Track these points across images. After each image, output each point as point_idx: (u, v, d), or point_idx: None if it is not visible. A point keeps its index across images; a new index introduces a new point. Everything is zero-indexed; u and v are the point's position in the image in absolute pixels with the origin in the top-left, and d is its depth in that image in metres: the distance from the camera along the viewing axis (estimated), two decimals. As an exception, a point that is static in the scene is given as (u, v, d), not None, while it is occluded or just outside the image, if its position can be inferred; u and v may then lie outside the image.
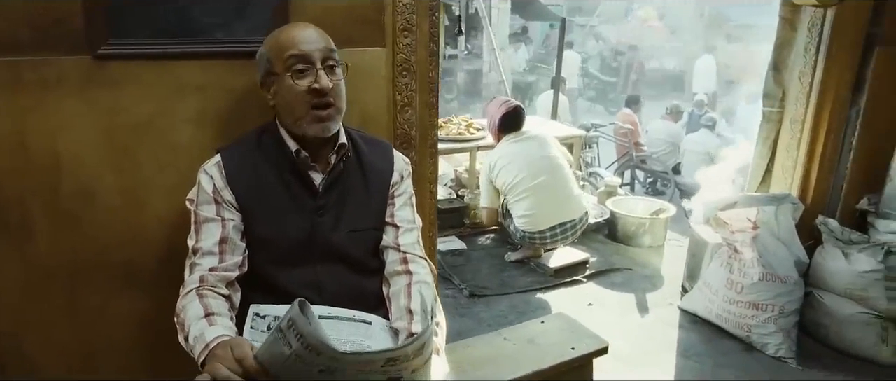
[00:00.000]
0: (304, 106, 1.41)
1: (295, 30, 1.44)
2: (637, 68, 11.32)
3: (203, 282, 1.36)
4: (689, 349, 2.82)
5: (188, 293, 1.34)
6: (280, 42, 1.42)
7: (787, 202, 2.85)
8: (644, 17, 12.65)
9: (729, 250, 2.86)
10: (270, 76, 1.44)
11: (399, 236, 1.56)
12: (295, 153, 1.45)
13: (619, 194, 4.52)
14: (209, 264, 1.38)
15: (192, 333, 1.25)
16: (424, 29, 1.93)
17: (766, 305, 2.72)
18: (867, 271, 2.65)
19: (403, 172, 1.62)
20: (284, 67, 1.40)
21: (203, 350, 1.19)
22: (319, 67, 1.40)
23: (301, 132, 1.44)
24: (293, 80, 1.39)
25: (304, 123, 1.42)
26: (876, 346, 2.67)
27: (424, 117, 2.01)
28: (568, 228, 3.52)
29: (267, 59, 1.44)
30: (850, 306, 2.70)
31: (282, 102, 1.44)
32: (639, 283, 3.49)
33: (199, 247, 1.40)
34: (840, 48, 2.75)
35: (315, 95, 1.40)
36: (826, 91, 2.81)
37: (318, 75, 1.40)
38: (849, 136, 2.91)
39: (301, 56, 1.39)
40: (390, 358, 1.07)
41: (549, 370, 1.87)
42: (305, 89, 1.40)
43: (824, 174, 2.94)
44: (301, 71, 1.40)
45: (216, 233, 1.41)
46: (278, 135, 1.49)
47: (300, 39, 1.41)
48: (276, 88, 1.44)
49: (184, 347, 1.29)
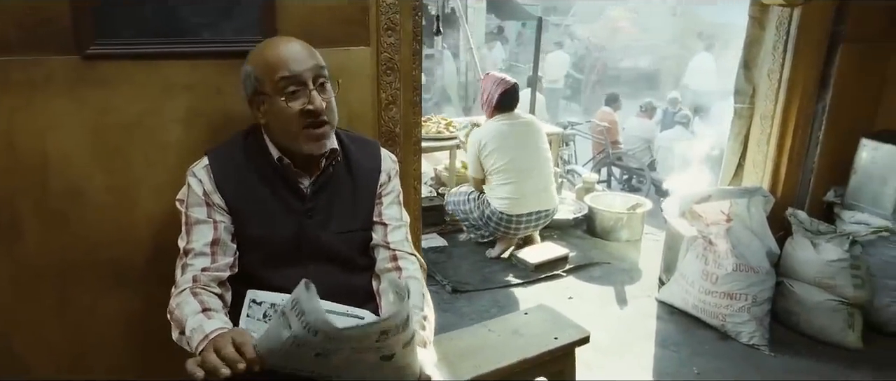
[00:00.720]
0: (297, 126, 1.40)
1: (282, 48, 1.41)
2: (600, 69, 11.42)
3: (196, 282, 1.38)
4: (667, 338, 2.90)
5: (182, 292, 1.36)
6: (269, 62, 1.40)
7: (758, 195, 2.95)
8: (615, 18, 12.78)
9: (704, 243, 2.95)
10: (260, 95, 1.42)
11: (388, 233, 1.59)
12: (277, 161, 1.47)
13: (596, 190, 4.61)
14: (201, 264, 1.40)
15: (190, 325, 1.27)
16: (408, 28, 1.97)
17: (740, 294, 2.82)
18: (834, 261, 2.76)
19: (390, 171, 1.64)
20: (275, 89, 1.38)
21: (202, 340, 1.22)
22: (311, 88, 1.39)
23: (296, 150, 1.44)
24: (286, 102, 1.38)
25: (300, 142, 1.42)
26: (843, 331, 2.78)
27: (408, 115, 2.05)
28: (541, 216, 3.64)
29: (255, 78, 1.42)
30: (819, 294, 2.81)
31: (274, 122, 1.43)
32: (617, 276, 3.57)
33: (191, 248, 1.41)
34: (806, 46, 2.86)
35: (308, 117, 1.39)
36: (794, 88, 2.91)
37: (311, 96, 1.39)
38: (815, 131, 3.03)
39: (292, 77, 1.38)
40: (382, 330, 1.10)
41: (533, 359, 1.93)
42: (298, 112, 1.39)
43: (793, 168, 3.06)
44: (293, 92, 1.38)
45: (208, 235, 1.42)
46: (262, 140, 1.50)
47: (290, 59, 1.39)
48: (267, 108, 1.42)
49: (177, 342, 1.31)
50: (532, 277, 3.51)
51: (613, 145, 6.76)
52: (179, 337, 1.31)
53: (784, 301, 2.91)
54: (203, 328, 1.25)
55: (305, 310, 1.03)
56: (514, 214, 3.54)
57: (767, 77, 2.99)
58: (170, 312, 1.36)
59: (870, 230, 2.83)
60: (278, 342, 1.08)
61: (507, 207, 3.53)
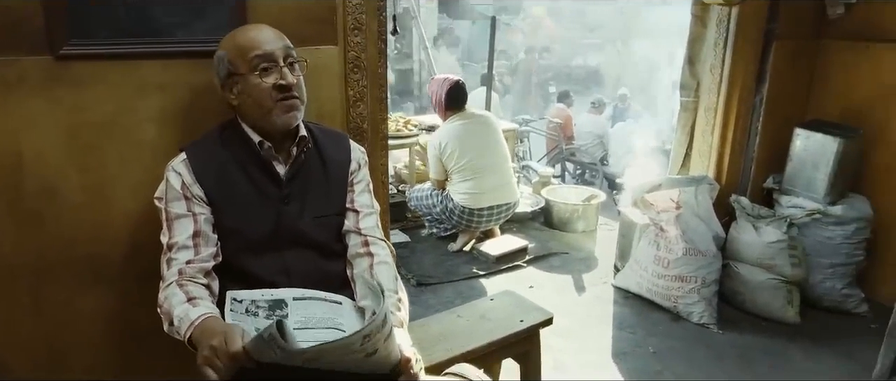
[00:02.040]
0: (271, 100, 1.49)
1: (254, 31, 1.52)
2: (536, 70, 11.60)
3: (182, 274, 1.42)
4: (623, 321, 3.05)
5: (169, 286, 1.40)
6: (241, 44, 1.49)
7: (704, 183, 3.13)
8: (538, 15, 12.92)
9: (655, 229, 3.12)
10: (233, 77, 1.50)
11: (359, 220, 1.67)
12: (259, 145, 1.53)
13: (552, 184, 4.76)
14: (185, 257, 1.45)
15: (176, 315, 1.32)
16: (373, 28, 2.04)
17: (690, 277, 2.99)
18: (774, 242, 2.96)
19: (360, 160, 1.72)
20: (249, 67, 1.47)
21: (188, 327, 1.27)
22: (282, 65, 1.49)
23: (270, 126, 1.52)
24: (260, 78, 1.47)
25: (274, 116, 1.50)
26: (783, 308, 2.98)
27: (375, 111, 2.12)
28: (503, 209, 3.77)
29: (228, 61, 1.50)
30: (761, 274, 3.00)
31: (248, 100, 1.51)
32: (575, 265, 3.72)
33: (174, 242, 1.45)
34: (744, 42, 3.05)
35: (281, 91, 1.49)
36: (734, 81, 3.10)
37: (282, 72, 1.49)
38: (754, 122, 3.23)
39: (265, 55, 1.48)
40: (365, 335, 1.19)
41: (501, 340, 2.03)
42: (271, 86, 1.48)
43: (735, 157, 3.25)
44: (266, 69, 1.48)
45: (189, 227, 1.47)
46: (241, 130, 1.55)
47: (262, 40, 1.49)
48: (240, 87, 1.50)
49: (169, 333, 1.35)
50: (494, 268, 3.62)
51: (567, 141, 6.95)
52: (169, 328, 1.36)
53: (730, 282, 3.10)
54: (188, 316, 1.30)
55: (283, 347, 1.10)
56: (476, 208, 3.65)
57: (710, 72, 3.17)
58: (159, 306, 1.40)
59: (804, 213, 3.05)
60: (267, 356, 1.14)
61: (469, 201, 3.63)
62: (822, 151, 3.02)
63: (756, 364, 2.69)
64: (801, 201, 3.10)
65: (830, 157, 2.98)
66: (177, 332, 1.32)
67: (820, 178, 3.04)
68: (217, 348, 1.17)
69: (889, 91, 3.04)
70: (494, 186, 3.68)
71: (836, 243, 3.04)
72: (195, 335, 1.25)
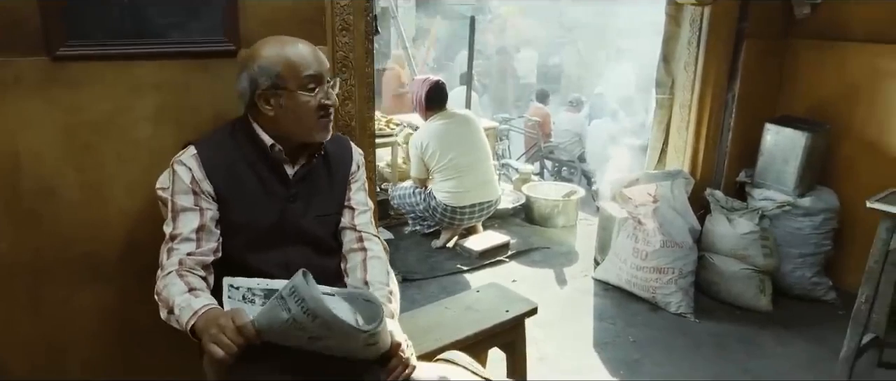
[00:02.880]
0: (314, 118, 1.55)
1: (303, 49, 1.55)
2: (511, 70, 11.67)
3: (182, 265, 1.46)
4: (604, 312, 3.15)
5: (168, 274, 1.44)
6: (292, 61, 1.52)
7: (680, 177, 3.24)
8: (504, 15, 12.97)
9: (634, 223, 3.21)
10: (278, 90, 1.53)
11: (355, 217, 1.73)
12: (270, 147, 1.58)
13: (533, 181, 4.85)
14: (187, 249, 1.48)
15: (178, 304, 1.36)
16: (360, 28, 2.10)
17: (668, 268, 3.09)
18: (747, 233, 3.08)
19: (360, 161, 1.79)
20: (299, 84, 1.52)
21: (191, 316, 1.31)
22: (327, 86, 1.57)
23: (307, 139, 1.58)
24: (308, 96, 1.53)
25: (314, 132, 1.57)
26: (756, 296, 3.10)
27: (363, 110, 2.18)
28: (484, 207, 3.84)
29: (278, 75, 1.51)
30: (735, 265, 3.12)
31: (289, 114, 1.54)
32: (556, 259, 3.81)
33: (178, 233, 1.49)
34: (716, 41, 3.16)
35: (323, 110, 1.56)
36: (707, 79, 3.22)
37: (327, 93, 1.56)
38: (727, 118, 3.35)
39: (316, 76, 1.54)
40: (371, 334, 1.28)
41: (488, 330, 2.09)
42: (317, 105, 1.55)
43: (709, 152, 3.37)
44: (313, 88, 1.54)
45: (194, 221, 1.50)
46: (252, 130, 1.59)
47: (312, 60, 1.55)
48: (285, 101, 1.53)
49: (166, 321, 1.39)
50: (477, 263, 3.69)
51: (545, 139, 7.06)
52: (168, 316, 1.39)
53: (706, 273, 3.21)
54: (191, 306, 1.35)
55: (304, 297, 1.16)
56: (459, 205, 3.72)
57: (684, 70, 3.28)
58: (157, 293, 1.44)
59: (775, 205, 3.17)
60: (277, 321, 1.20)
61: (451, 199, 3.70)
62: (792, 146, 3.14)
63: (731, 351, 2.80)
64: (772, 194, 3.22)
65: (799, 151, 3.11)
66: (176, 320, 1.36)
67: (789, 171, 3.17)
68: (224, 325, 1.23)
69: (852, 88, 3.18)
70: (476, 184, 3.75)
71: (805, 233, 3.17)
72: (199, 324, 1.30)
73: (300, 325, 1.19)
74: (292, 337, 1.24)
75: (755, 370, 2.65)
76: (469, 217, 3.81)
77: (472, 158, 3.74)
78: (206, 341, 1.24)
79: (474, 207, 3.77)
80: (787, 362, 2.72)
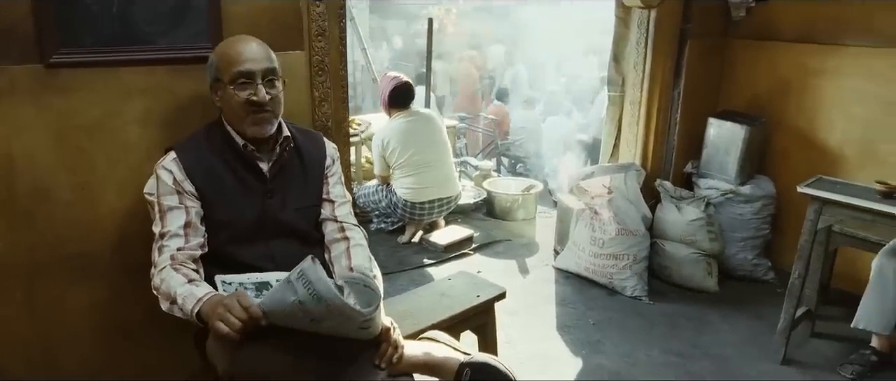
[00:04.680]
0: (244, 112, 1.65)
1: (242, 46, 1.66)
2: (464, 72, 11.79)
3: (174, 260, 1.56)
4: (565, 298, 3.34)
5: (163, 269, 1.54)
6: (229, 57, 1.64)
7: (632, 170, 3.46)
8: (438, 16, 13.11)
9: (590, 213, 3.41)
10: (217, 83, 1.66)
11: (335, 208, 1.86)
12: (242, 147, 1.69)
13: (493, 177, 5.03)
14: (176, 244, 1.58)
15: (180, 294, 1.46)
16: (335, 34, 2.22)
17: (623, 255, 3.30)
18: (694, 220, 3.32)
19: (333, 156, 1.91)
20: (230, 78, 1.63)
21: (196, 303, 1.42)
22: (259, 82, 1.64)
23: (243, 132, 1.68)
24: (235, 91, 1.63)
25: (245, 126, 1.67)
26: (704, 278, 3.34)
27: (338, 111, 2.30)
28: (444, 203, 3.99)
29: (216, 68, 1.65)
30: (685, 249, 3.35)
31: (226, 106, 1.67)
32: (518, 250, 3.99)
33: (166, 231, 1.59)
34: (662, 41, 3.39)
35: (253, 106, 1.64)
36: (655, 77, 3.44)
37: (257, 89, 1.63)
38: (674, 113, 3.59)
39: (244, 73, 1.63)
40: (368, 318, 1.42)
41: (460, 314, 2.24)
42: (245, 101, 1.63)
43: (658, 145, 3.60)
44: (243, 84, 1.63)
45: (181, 218, 1.61)
46: (226, 131, 1.71)
47: (246, 57, 1.63)
48: (221, 94, 1.66)
49: (169, 311, 1.49)
50: (443, 256, 3.84)
51: (503, 137, 7.26)
52: (170, 307, 1.49)
53: (658, 258, 3.44)
54: (195, 294, 1.45)
55: (312, 279, 1.29)
56: (418, 201, 3.86)
57: (634, 69, 3.50)
58: (155, 288, 1.53)
59: (719, 194, 3.43)
60: (283, 303, 1.32)
61: (411, 195, 3.85)
62: (732, 139, 3.40)
63: (682, 329, 3.02)
64: (716, 183, 3.48)
65: (739, 143, 3.37)
66: (180, 309, 1.46)
67: (731, 162, 3.42)
68: (230, 305, 1.34)
69: (784, 84, 3.46)
70: (436, 180, 3.89)
71: (747, 219, 3.43)
72: (204, 308, 1.40)
73: (305, 307, 1.31)
74: (295, 319, 1.36)
75: (704, 346, 2.88)
76: (429, 213, 3.95)
77: (432, 155, 3.87)
78: (214, 320, 1.34)
79: (433, 202, 3.91)
80: (732, 336, 2.96)
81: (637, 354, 2.80)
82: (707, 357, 2.78)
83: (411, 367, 1.64)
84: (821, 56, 3.29)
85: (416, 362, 1.65)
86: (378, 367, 1.56)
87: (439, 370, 1.68)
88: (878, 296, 2.46)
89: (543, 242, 4.10)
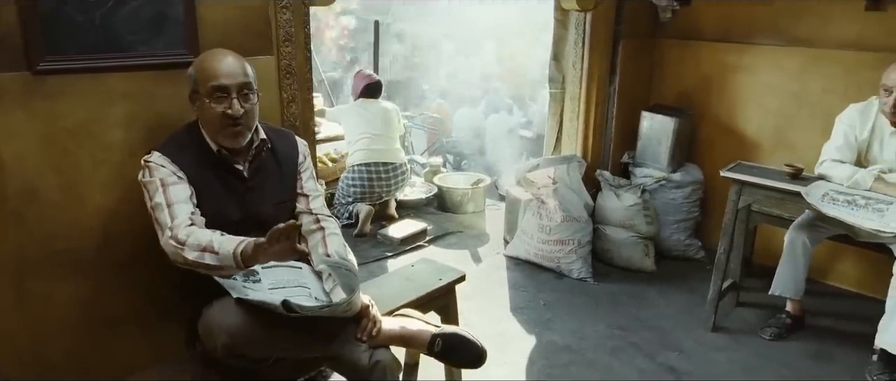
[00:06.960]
0: (218, 124, 1.77)
1: (219, 60, 1.77)
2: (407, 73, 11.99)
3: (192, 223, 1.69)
4: (517, 283, 3.57)
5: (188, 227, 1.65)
6: (206, 71, 1.76)
7: (574, 161, 3.72)
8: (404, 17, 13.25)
9: (537, 203, 3.66)
10: (195, 94, 1.79)
11: (310, 202, 2.01)
12: (217, 152, 1.82)
13: (442, 172, 5.23)
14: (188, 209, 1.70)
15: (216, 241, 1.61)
16: (301, 39, 2.36)
17: (568, 240, 3.56)
18: (631, 206, 3.61)
19: (305, 152, 2.06)
20: (206, 91, 1.75)
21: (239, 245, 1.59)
22: (234, 97, 1.76)
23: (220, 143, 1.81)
24: (212, 104, 1.76)
25: (220, 137, 1.80)
26: (642, 259, 3.64)
27: (305, 111, 2.45)
28: (394, 170, 4.35)
29: (194, 80, 1.78)
30: (624, 233, 3.64)
31: (202, 116, 1.80)
32: (470, 241, 4.20)
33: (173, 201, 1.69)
34: (598, 41, 3.66)
35: (227, 119, 1.76)
36: (592, 75, 3.71)
37: (231, 103, 1.75)
38: (610, 107, 3.87)
39: (220, 87, 1.75)
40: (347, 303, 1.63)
41: (425, 296, 2.41)
42: (220, 113, 1.76)
43: (597, 138, 3.88)
44: (219, 98, 1.75)
45: (185, 191, 1.73)
46: (202, 136, 1.84)
47: (222, 72, 1.75)
48: (199, 105, 1.79)
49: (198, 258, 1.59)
50: (399, 249, 4.01)
51: (446, 134, 7.47)
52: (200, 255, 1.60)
53: (600, 242, 3.71)
54: (233, 239, 1.61)
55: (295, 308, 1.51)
56: (371, 162, 4.24)
57: (573, 67, 3.76)
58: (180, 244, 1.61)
59: (653, 181, 3.74)
60: None
61: (363, 157, 4.25)
62: (663, 130, 3.71)
63: (623, 306, 3.30)
64: (650, 171, 3.78)
65: (669, 134, 3.68)
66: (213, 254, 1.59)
67: (663, 151, 3.73)
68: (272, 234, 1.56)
69: (706, 79, 3.80)
70: (385, 149, 4.35)
71: (678, 203, 3.75)
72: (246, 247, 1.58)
73: None
74: None
75: (644, 319, 3.16)
76: (378, 181, 4.27)
77: (380, 130, 4.36)
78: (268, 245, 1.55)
79: (384, 167, 4.28)
80: (668, 309, 3.26)
81: (585, 329, 3.05)
82: (647, 329, 3.06)
83: (389, 339, 1.82)
84: (737, 54, 3.64)
85: (393, 334, 1.83)
86: (360, 340, 1.73)
87: (414, 340, 1.87)
88: (790, 266, 2.79)
89: (493, 232, 4.33)
